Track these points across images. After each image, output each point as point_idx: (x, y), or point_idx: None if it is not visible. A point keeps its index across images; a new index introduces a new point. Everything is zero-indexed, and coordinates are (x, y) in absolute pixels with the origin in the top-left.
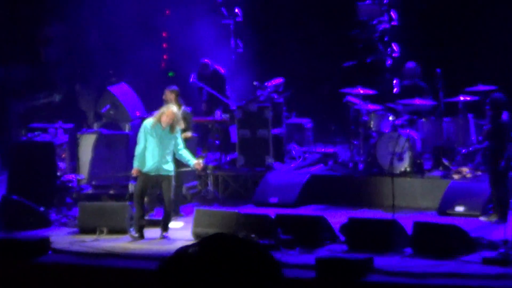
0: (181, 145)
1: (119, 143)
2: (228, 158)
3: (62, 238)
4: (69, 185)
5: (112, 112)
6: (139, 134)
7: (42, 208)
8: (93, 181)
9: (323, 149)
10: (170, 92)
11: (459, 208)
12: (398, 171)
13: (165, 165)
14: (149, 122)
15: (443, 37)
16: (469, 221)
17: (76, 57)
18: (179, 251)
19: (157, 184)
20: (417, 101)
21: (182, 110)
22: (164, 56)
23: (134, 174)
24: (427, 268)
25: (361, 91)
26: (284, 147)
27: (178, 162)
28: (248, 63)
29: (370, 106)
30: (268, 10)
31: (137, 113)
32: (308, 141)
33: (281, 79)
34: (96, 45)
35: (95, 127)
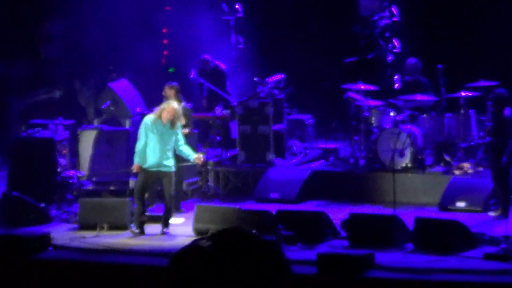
0: (182, 141)
1: (120, 139)
2: (228, 154)
3: (62, 234)
4: (69, 181)
5: (112, 108)
6: (139, 130)
7: (43, 204)
8: (94, 177)
9: (324, 145)
10: (170, 88)
11: (460, 204)
12: (399, 167)
13: (166, 161)
14: (149, 118)
15: (444, 33)
16: (470, 216)
17: (76, 54)
18: (193, 244)
19: (157, 180)
20: (418, 97)
21: (181, 106)
22: (165, 52)
23: (135, 170)
24: (428, 263)
25: (362, 87)
26: (285, 143)
27: (179, 157)
28: (249, 59)
29: (371, 102)
30: (268, 6)
31: (138, 109)
32: (309, 137)
33: (282, 75)
34: (96, 42)
35: (96, 123)
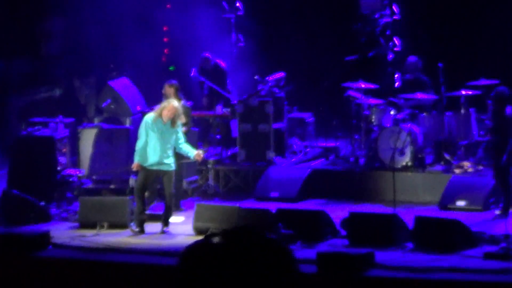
0: (182, 139)
1: (120, 138)
2: (229, 152)
3: (62, 233)
4: (69, 180)
5: (113, 106)
6: (140, 128)
7: (43, 203)
8: (94, 176)
9: (324, 144)
10: (169, 86)
11: (460, 203)
12: (399, 166)
13: (166, 159)
14: (150, 116)
15: (445, 31)
16: (471, 215)
17: (77, 52)
18: (203, 241)
19: (158, 178)
20: (419, 95)
21: (181, 104)
22: (165, 51)
23: (135, 169)
24: (428, 262)
25: (363, 85)
26: (286, 142)
27: (179, 154)
28: (249, 57)
29: (372, 101)
30: (269, 4)
31: (138, 108)
32: (309, 135)
33: (282, 73)
34: (97, 40)
35: (96, 122)
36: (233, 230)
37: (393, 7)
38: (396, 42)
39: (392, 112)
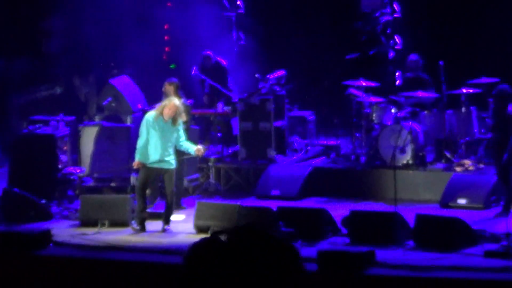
0: (183, 138)
1: (121, 136)
2: (230, 150)
3: (63, 231)
4: (70, 178)
5: (113, 104)
6: (141, 127)
7: (43, 201)
8: (95, 174)
9: (325, 142)
10: (169, 85)
11: (461, 201)
12: (400, 164)
13: (168, 157)
14: (151, 115)
15: (445, 29)
16: (471, 213)
17: (77, 50)
18: (210, 238)
19: (159, 176)
20: (420, 93)
21: (181, 102)
22: (166, 49)
23: (136, 167)
24: (429, 261)
25: (364, 84)
26: (286, 140)
27: (179, 151)
28: (250, 56)
29: (373, 99)
30: (270, 2)
31: (139, 106)
32: (310, 133)
33: (283, 72)
34: (97, 38)
35: (97, 120)
36: (238, 228)
37: (394, 5)
38: (397, 40)
39: (393, 110)
